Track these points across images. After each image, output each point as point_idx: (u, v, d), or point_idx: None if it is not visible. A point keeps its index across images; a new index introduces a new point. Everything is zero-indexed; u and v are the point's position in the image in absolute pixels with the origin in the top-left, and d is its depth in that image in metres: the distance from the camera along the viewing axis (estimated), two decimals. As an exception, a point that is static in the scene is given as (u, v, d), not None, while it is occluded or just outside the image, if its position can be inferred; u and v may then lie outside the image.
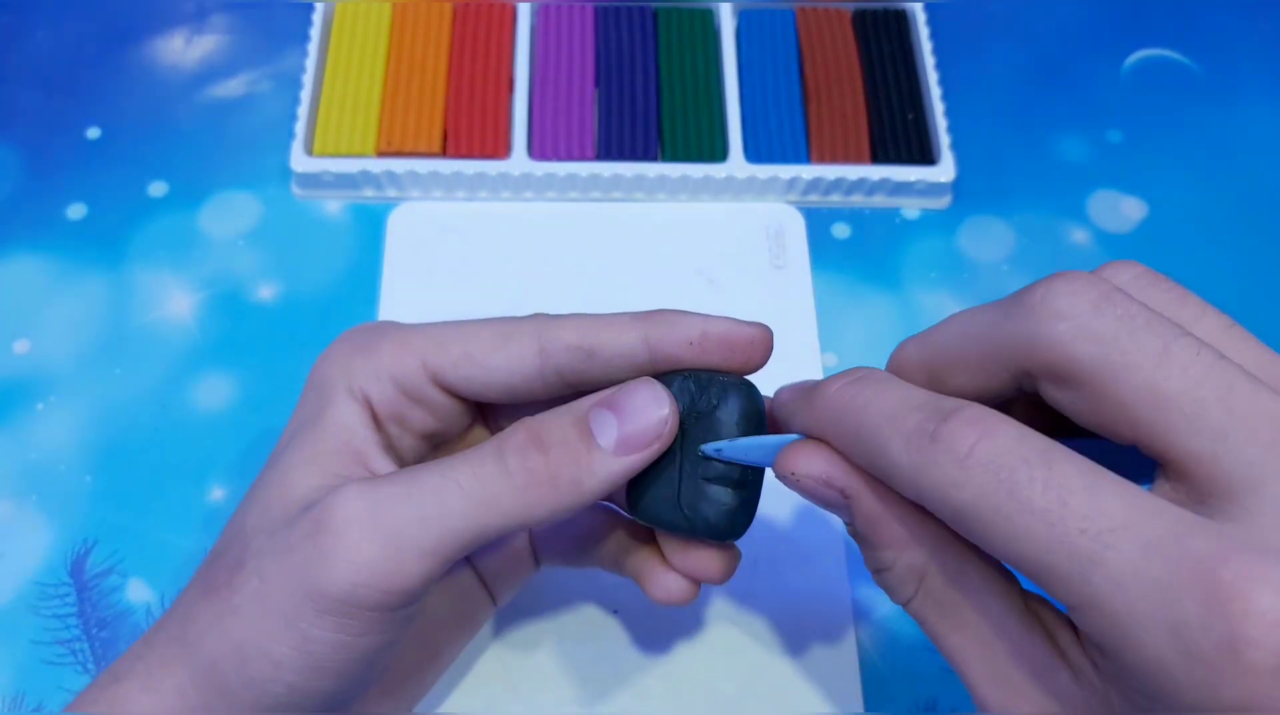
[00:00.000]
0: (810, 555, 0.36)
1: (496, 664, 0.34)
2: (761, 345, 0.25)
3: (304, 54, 0.45)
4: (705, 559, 0.27)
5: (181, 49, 0.47)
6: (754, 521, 0.26)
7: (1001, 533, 0.18)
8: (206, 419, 0.39)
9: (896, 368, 0.24)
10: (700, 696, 0.34)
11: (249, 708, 0.24)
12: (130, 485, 0.37)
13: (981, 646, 0.22)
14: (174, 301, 0.41)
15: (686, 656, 0.35)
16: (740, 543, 0.27)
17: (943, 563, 0.22)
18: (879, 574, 0.24)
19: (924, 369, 0.23)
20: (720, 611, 0.35)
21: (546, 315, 0.26)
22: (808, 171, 0.43)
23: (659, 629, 0.35)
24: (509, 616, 0.35)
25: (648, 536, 0.29)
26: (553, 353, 0.25)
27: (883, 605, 0.36)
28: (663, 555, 0.28)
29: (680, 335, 0.25)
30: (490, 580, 0.31)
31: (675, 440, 0.25)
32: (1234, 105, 0.48)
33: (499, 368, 0.26)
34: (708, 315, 0.25)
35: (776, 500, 0.36)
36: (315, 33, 0.45)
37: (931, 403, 0.20)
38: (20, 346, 0.40)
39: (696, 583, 0.27)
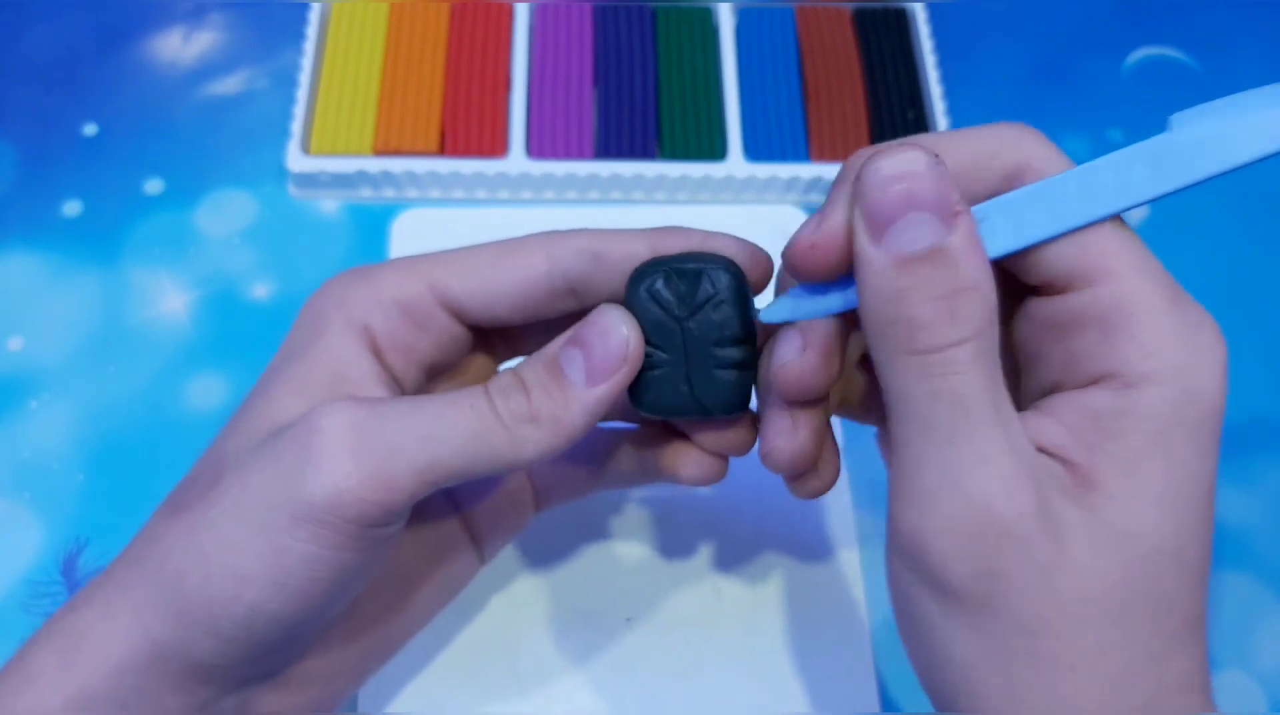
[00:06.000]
0: (824, 559, 0.36)
1: (510, 675, 0.34)
2: (768, 264, 0.27)
3: (301, 52, 0.45)
4: (734, 435, 0.28)
5: (179, 46, 0.47)
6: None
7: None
8: (200, 418, 0.38)
9: None
10: (716, 704, 0.34)
11: (203, 631, 0.23)
12: (123, 484, 0.37)
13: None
14: (169, 300, 0.41)
15: (700, 664, 0.34)
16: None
17: None
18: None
19: None
20: (734, 618, 0.35)
21: (552, 230, 0.27)
22: (808, 171, 0.43)
23: (673, 637, 0.35)
24: (522, 626, 0.35)
25: (663, 439, 0.29)
26: (560, 258, 0.26)
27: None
28: (684, 444, 0.29)
29: (685, 245, 0.26)
30: (480, 530, 0.30)
31: (677, 335, 0.26)
32: (1235, 106, 0.48)
33: (506, 278, 0.26)
34: (709, 231, 0.27)
35: (788, 506, 0.36)
36: (312, 31, 0.45)
37: None
38: (14, 343, 0.40)
39: (725, 459, 0.29)
